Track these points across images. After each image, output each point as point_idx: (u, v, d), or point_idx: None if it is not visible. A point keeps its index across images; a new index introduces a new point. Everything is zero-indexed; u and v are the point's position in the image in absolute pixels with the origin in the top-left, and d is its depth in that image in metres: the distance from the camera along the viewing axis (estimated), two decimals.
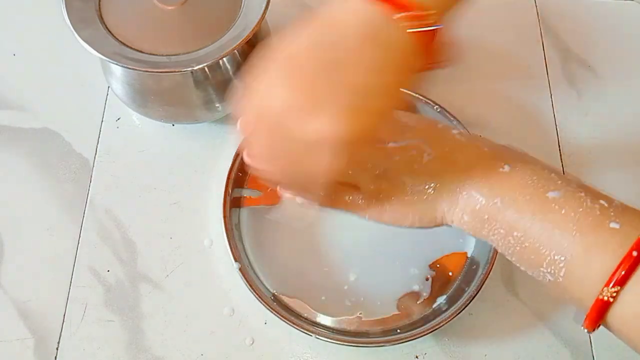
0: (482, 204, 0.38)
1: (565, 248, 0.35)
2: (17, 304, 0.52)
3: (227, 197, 0.52)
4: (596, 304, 0.34)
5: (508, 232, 0.37)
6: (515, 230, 0.37)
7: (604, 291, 0.33)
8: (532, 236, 0.36)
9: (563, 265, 0.35)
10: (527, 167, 0.39)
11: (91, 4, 0.50)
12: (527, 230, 0.36)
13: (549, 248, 0.35)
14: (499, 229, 0.38)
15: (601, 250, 0.34)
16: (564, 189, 0.37)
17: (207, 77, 0.53)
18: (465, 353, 0.51)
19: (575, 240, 0.35)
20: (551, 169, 0.39)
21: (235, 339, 0.51)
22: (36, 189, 0.56)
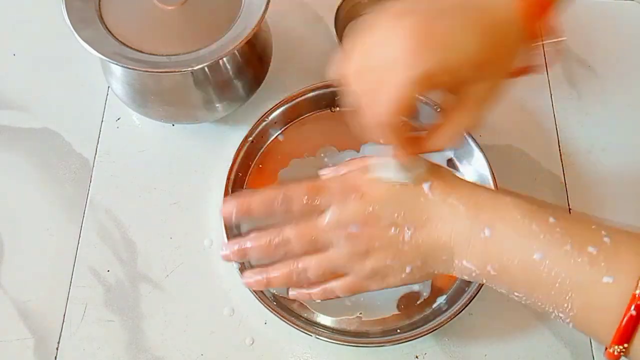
0: (477, 273, 0.39)
1: (565, 307, 0.36)
2: (17, 304, 0.52)
3: (227, 197, 0.52)
4: (609, 354, 0.35)
5: (510, 292, 0.38)
6: (516, 292, 0.38)
7: (613, 347, 0.34)
8: (532, 296, 0.37)
9: (569, 320, 0.36)
10: (507, 227, 0.38)
11: (91, 4, 0.50)
12: (526, 292, 0.37)
13: (551, 306, 0.36)
14: (501, 288, 0.39)
15: (600, 309, 0.34)
16: (548, 246, 0.36)
17: (207, 77, 0.53)
18: (465, 353, 0.51)
19: (573, 300, 0.35)
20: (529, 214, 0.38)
21: (235, 339, 0.51)
22: (36, 189, 0.56)
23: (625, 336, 0.33)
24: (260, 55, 0.57)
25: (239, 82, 0.55)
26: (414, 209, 0.40)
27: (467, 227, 0.38)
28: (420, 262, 0.40)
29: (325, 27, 0.64)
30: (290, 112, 0.58)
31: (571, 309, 0.35)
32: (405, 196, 0.40)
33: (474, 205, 0.39)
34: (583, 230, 0.36)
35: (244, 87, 0.56)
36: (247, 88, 0.56)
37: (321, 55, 0.63)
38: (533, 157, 0.59)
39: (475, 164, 0.55)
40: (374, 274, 0.41)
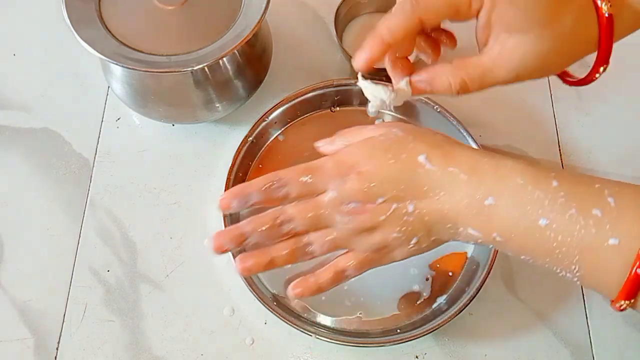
0: (483, 239, 0.39)
1: (572, 269, 0.36)
2: (17, 304, 0.52)
3: None
4: (616, 308, 0.36)
5: (517, 255, 0.39)
6: (523, 254, 0.38)
7: (620, 303, 0.35)
8: (539, 259, 0.37)
9: (577, 279, 0.37)
10: (510, 194, 0.37)
11: (91, 4, 0.50)
12: (533, 255, 0.38)
13: (559, 267, 0.37)
14: (507, 252, 0.39)
15: (606, 269, 0.35)
16: (553, 211, 0.36)
17: (207, 77, 0.53)
18: (465, 353, 0.51)
19: (580, 263, 0.36)
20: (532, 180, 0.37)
21: (235, 339, 0.51)
22: (36, 189, 0.56)
23: (631, 293, 0.34)
24: (260, 55, 0.57)
25: (239, 82, 0.55)
26: (413, 182, 0.39)
27: (470, 196, 0.38)
28: (425, 232, 0.40)
29: (325, 27, 0.65)
30: (290, 112, 0.58)
31: (578, 270, 0.36)
32: (403, 170, 0.39)
33: (475, 172, 0.38)
34: (587, 191, 0.36)
35: (244, 87, 0.56)
36: (247, 88, 0.56)
37: (321, 55, 0.63)
38: (533, 157, 0.59)
39: None
40: (382, 247, 0.40)
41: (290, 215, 0.40)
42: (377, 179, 0.39)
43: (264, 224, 0.40)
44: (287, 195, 0.41)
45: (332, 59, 0.63)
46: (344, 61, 0.62)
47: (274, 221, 0.40)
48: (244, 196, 0.40)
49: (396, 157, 0.39)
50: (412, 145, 0.40)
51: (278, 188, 0.41)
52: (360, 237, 0.40)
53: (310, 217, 0.40)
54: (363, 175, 0.39)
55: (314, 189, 0.40)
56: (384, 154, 0.40)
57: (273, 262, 0.41)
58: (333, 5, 0.60)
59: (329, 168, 0.40)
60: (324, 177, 0.40)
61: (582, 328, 0.52)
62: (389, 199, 0.39)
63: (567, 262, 0.36)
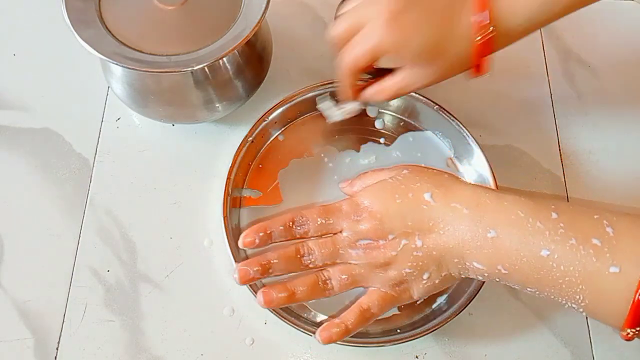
0: (488, 273, 0.41)
1: (577, 299, 0.37)
2: (17, 304, 0.52)
3: (227, 197, 0.52)
4: (624, 336, 0.37)
5: (523, 287, 0.40)
6: (529, 287, 0.40)
7: (626, 331, 0.36)
8: (545, 291, 0.39)
9: (582, 310, 0.38)
10: (512, 227, 0.39)
11: (91, 4, 0.50)
12: (538, 287, 0.39)
13: (564, 299, 0.38)
14: (514, 285, 0.41)
15: (610, 298, 0.36)
16: (553, 242, 0.38)
17: (207, 77, 0.53)
18: (465, 353, 0.51)
19: (584, 292, 0.37)
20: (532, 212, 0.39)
21: (235, 339, 0.51)
22: (36, 189, 0.56)
23: (637, 320, 0.35)
24: (260, 55, 0.57)
25: (239, 82, 0.55)
26: (419, 218, 0.42)
27: (473, 229, 0.40)
28: (435, 267, 0.42)
29: (325, 27, 0.64)
30: (290, 112, 0.58)
31: (582, 300, 0.37)
32: (409, 208, 0.42)
33: (477, 207, 0.41)
34: (586, 222, 0.38)
35: (244, 87, 0.56)
36: (247, 88, 0.56)
37: (321, 55, 0.63)
38: (533, 157, 0.59)
39: (475, 164, 0.55)
40: (399, 282, 0.43)
41: (310, 249, 0.44)
42: (386, 217, 0.43)
43: (287, 254, 0.44)
44: (307, 232, 0.45)
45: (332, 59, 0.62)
46: None
47: (297, 252, 0.44)
48: (266, 234, 0.44)
49: (403, 197, 0.43)
50: (418, 185, 0.43)
51: (300, 226, 0.45)
52: (376, 273, 0.43)
53: (329, 252, 0.44)
54: (373, 214, 0.43)
55: (332, 228, 0.45)
56: (392, 194, 0.43)
57: (294, 295, 0.44)
58: (333, 6, 0.59)
59: (345, 210, 0.45)
60: (341, 217, 0.44)
61: (582, 328, 0.52)
62: (398, 235, 0.42)
63: (571, 292, 0.37)
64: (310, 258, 0.44)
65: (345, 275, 0.44)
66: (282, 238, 0.45)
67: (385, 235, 0.43)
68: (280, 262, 0.44)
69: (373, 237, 0.43)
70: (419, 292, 0.44)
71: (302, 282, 0.44)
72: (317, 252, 0.44)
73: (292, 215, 0.45)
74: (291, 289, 0.44)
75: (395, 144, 0.58)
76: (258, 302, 0.45)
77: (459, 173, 0.57)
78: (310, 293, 0.44)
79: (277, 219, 0.45)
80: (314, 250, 0.44)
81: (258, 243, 0.44)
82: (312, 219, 0.45)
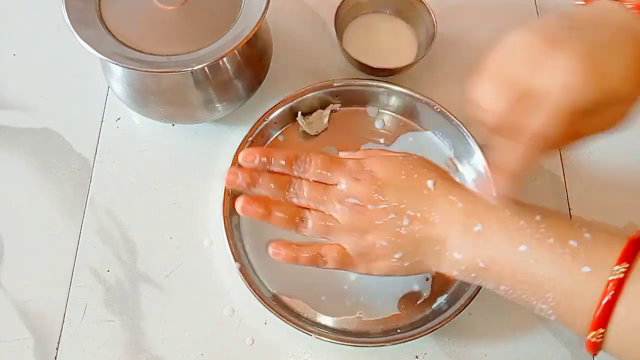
0: (466, 265, 0.41)
1: (547, 298, 0.38)
2: (17, 304, 0.52)
3: (227, 197, 0.52)
4: (589, 343, 0.37)
5: (497, 286, 0.41)
6: (502, 284, 0.40)
7: (591, 334, 0.36)
8: (517, 289, 0.40)
9: (552, 311, 0.39)
10: (497, 222, 0.40)
11: (91, 4, 0.50)
12: (511, 284, 0.40)
13: (535, 297, 0.39)
14: (488, 282, 0.41)
15: (579, 296, 0.37)
16: (533, 239, 0.39)
17: (207, 77, 0.53)
18: (465, 353, 0.51)
19: (555, 290, 0.38)
20: (518, 212, 0.40)
21: (235, 339, 0.51)
22: (36, 189, 0.56)
23: (602, 321, 0.35)
24: (260, 55, 0.57)
25: (239, 82, 0.55)
26: (417, 199, 0.43)
27: (462, 222, 0.41)
28: (412, 249, 0.42)
29: (325, 27, 0.64)
30: (290, 112, 0.58)
31: (553, 299, 0.38)
32: (410, 186, 0.43)
33: (471, 204, 0.42)
34: (566, 227, 0.39)
35: (244, 87, 0.56)
36: (247, 88, 0.56)
37: (321, 55, 0.63)
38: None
39: (475, 164, 0.55)
40: (368, 251, 0.43)
41: (301, 186, 0.44)
42: (386, 186, 0.43)
43: (279, 179, 0.44)
44: (304, 173, 0.45)
45: (332, 59, 0.63)
46: (344, 61, 0.62)
47: (287, 182, 0.44)
48: (268, 157, 0.44)
49: (408, 175, 0.44)
50: (425, 170, 0.44)
51: (300, 165, 0.45)
52: (351, 235, 0.44)
53: (317, 197, 0.44)
54: (375, 180, 0.43)
55: (329, 180, 0.45)
56: (399, 169, 0.44)
57: (269, 215, 0.44)
58: (333, 6, 0.60)
59: (349, 166, 0.45)
60: (343, 172, 0.44)
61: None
62: (390, 208, 0.42)
63: (542, 290, 0.38)
64: (298, 193, 0.44)
65: (323, 223, 0.44)
66: (279, 169, 0.45)
67: (378, 202, 0.43)
68: (269, 184, 0.44)
69: (364, 199, 0.43)
70: (381, 269, 0.44)
71: (283, 209, 0.44)
72: (305, 190, 0.44)
73: (297, 153, 0.45)
74: (270, 209, 0.44)
75: (395, 144, 0.58)
76: (236, 207, 0.44)
77: (459, 173, 0.57)
78: (285, 221, 0.44)
79: (282, 151, 0.45)
80: (304, 189, 0.44)
81: (256, 163, 0.44)
82: (314, 165, 0.45)
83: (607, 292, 0.35)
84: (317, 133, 0.58)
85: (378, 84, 0.58)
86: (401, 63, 0.59)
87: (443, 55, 0.63)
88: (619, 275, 0.35)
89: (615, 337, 0.36)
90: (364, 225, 0.43)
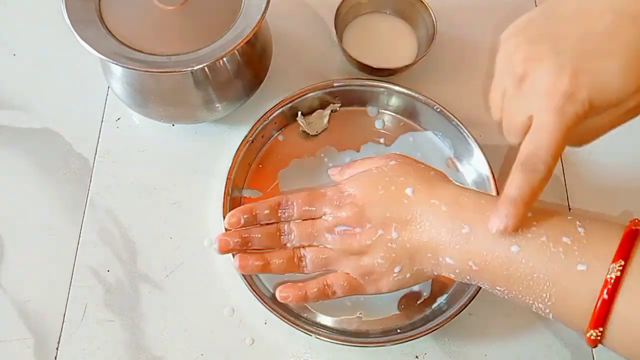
0: (459, 269, 0.41)
1: (544, 297, 0.38)
2: (17, 304, 0.52)
3: (227, 197, 0.52)
4: (588, 340, 0.36)
5: (492, 287, 0.41)
6: (497, 285, 0.40)
7: (590, 332, 0.36)
8: (513, 290, 0.39)
9: (549, 310, 0.38)
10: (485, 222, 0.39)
11: (91, 4, 0.50)
12: (507, 285, 0.39)
13: (531, 298, 0.38)
14: (484, 284, 0.41)
15: (576, 295, 0.36)
16: (525, 238, 0.38)
17: (207, 77, 0.53)
18: (465, 353, 0.51)
19: (551, 290, 0.37)
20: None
21: (235, 339, 0.51)
22: (36, 189, 0.56)
23: (600, 320, 0.35)
24: (260, 55, 0.57)
25: (239, 82, 0.55)
26: (399, 211, 0.43)
27: (448, 225, 0.41)
28: (408, 260, 0.43)
29: (325, 27, 0.64)
30: (290, 112, 0.58)
31: (549, 299, 0.37)
32: (390, 200, 0.43)
33: (455, 204, 0.42)
34: (558, 222, 0.38)
35: (244, 87, 0.56)
36: (247, 88, 0.56)
37: (321, 55, 0.63)
38: None
39: (475, 164, 0.55)
40: (369, 272, 0.44)
41: (290, 229, 0.46)
42: (367, 206, 0.44)
43: (268, 230, 0.46)
44: (291, 216, 0.47)
45: (332, 59, 0.63)
46: (344, 61, 0.62)
47: (277, 230, 0.46)
48: (252, 214, 0.46)
49: (386, 188, 0.44)
50: (402, 179, 0.44)
51: (284, 209, 0.47)
52: (349, 259, 0.45)
53: (307, 234, 0.46)
54: (355, 202, 0.44)
55: (314, 214, 0.46)
56: (376, 184, 0.44)
57: (268, 266, 0.46)
58: (333, 6, 0.60)
59: (329, 195, 0.46)
60: (325, 202, 0.46)
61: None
62: (376, 224, 0.43)
63: (539, 290, 0.37)
64: (289, 237, 0.46)
65: (320, 256, 0.45)
66: (266, 220, 0.47)
67: (364, 223, 0.44)
68: (261, 238, 0.46)
69: (352, 223, 0.44)
70: (388, 285, 0.44)
71: (279, 255, 0.46)
72: (296, 232, 0.46)
73: (278, 199, 0.47)
74: (267, 259, 0.46)
75: (395, 144, 0.58)
76: (234, 265, 0.46)
77: (459, 173, 0.57)
78: (284, 266, 0.46)
79: (264, 202, 0.47)
80: (293, 230, 0.46)
81: (243, 223, 0.46)
82: (298, 204, 0.46)
83: (604, 291, 0.35)
84: (317, 133, 0.58)
85: (378, 84, 0.58)
86: (401, 63, 0.59)
87: (443, 55, 0.63)
88: (615, 273, 0.34)
89: (614, 335, 0.35)
90: (357, 248, 0.44)
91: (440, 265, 0.42)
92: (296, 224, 0.46)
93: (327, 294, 0.45)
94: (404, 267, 0.43)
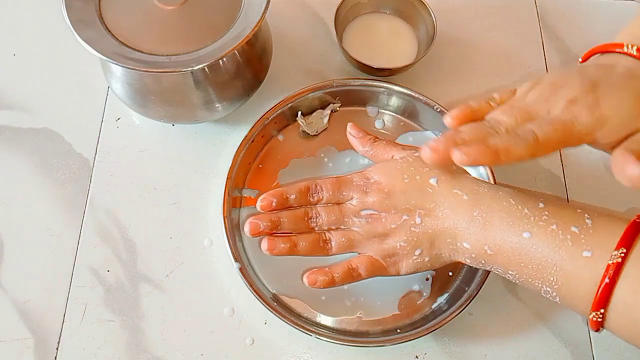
0: (475, 254, 0.44)
1: (551, 281, 0.40)
2: (17, 304, 0.52)
3: (227, 197, 0.52)
4: (591, 322, 0.39)
5: (505, 271, 0.43)
6: (510, 270, 0.43)
7: (593, 314, 0.39)
8: (524, 273, 0.42)
9: (556, 293, 0.41)
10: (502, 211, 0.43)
11: (91, 4, 0.50)
12: (518, 269, 0.42)
13: (540, 281, 0.41)
14: (497, 268, 0.44)
15: (580, 280, 0.39)
16: (536, 226, 0.41)
17: (207, 77, 0.53)
18: (465, 353, 0.51)
19: (558, 274, 0.40)
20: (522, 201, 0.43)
21: (235, 339, 0.51)
22: (36, 189, 0.56)
23: (602, 302, 0.38)
24: (260, 55, 0.57)
25: (239, 82, 0.55)
26: (423, 198, 0.45)
27: (469, 213, 0.44)
28: (428, 244, 0.45)
29: (325, 27, 0.65)
30: (290, 112, 0.58)
31: (556, 282, 0.40)
32: (415, 188, 0.46)
33: (475, 194, 0.44)
34: (568, 213, 0.41)
35: (244, 87, 0.56)
36: (247, 88, 0.56)
37: (321, 55, 0.63)
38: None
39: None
40: (391, 254, 0.46)
41: (318, 213, 0.48)
42: (392, 193, 0.46)
43: (297, 214, 0.47)
44: (320, 200, 0.48)
45: (332, 59, 0.63)
46: (344, 61, 0.62)
47: (305, 214, 0.47)
48: (283, 198, 0.47)
49: (411, 178, 0.46)
50: (426, 170, 0.46)
51: (314, 194, 0.48)
52: (373, 241, 0.46)
53: (335, 218, 0.47)
54: (381, 189, 0.46)
55: (342, 198, 0.48)
56: (401, 174, 0.46)
57: (295, 248, 0.47)
58: (333, 5, 0.60)
59: (356, 181, 0.48)
60: (352, 188, 0.48)
61: (582, 328, 0.52)
62: (401, 210, 0.45)
63: (546, 274, 0.40)
64: (317, 221, 0.47)
65: (345, 239, 0.47)
66: (296, 204, 0.48)
67: (389, 209, 0.46)
68: (289, 221, 0.47)
69: (377, 209, 0.46)
70: (407, 267, 0.46)
71: (305, 238, 0.47)
72: (324, 216, 0.47)
73: (307, 183, 0.48)
74: (294, 241, 0.47)
75: None
76: (262, 248, 0.47)
77: None
78: (311, 249, 0.47)
79: (294, 186, 0.48)
80: (321, 215, 0.47)
81: (275, 206, 0.47)
82: (326, 189, 0.48)
83: (606, 275, 0.37)
84: (317, 133, 0.58)
85: (378, 84, 0.58)
86: (401, 63, 0.59)
87: (443, 55, 0.63)
88: (617, 260, 0.37)
89: (614, 317, 0.38)
90: (382, 231, 0.46)
91: (457, 250, 0.44)
92: (323, 208, 0.48)
93: (352, 276, 0.46)
94: (424, 251, 0.45)
